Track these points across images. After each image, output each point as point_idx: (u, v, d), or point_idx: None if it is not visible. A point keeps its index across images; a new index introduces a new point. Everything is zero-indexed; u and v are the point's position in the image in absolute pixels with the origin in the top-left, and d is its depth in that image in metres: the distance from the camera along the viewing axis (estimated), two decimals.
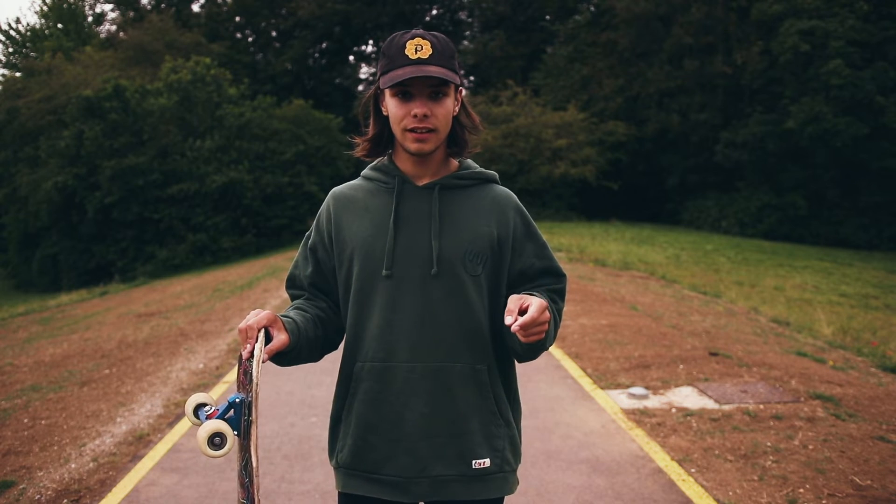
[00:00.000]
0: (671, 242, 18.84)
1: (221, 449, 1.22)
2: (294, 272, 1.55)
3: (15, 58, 36.60)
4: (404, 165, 1.45)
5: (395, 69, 1.32)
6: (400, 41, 1.33)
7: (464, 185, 1.46)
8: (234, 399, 1.29)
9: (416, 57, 1.30)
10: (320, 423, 4.09)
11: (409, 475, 1.39)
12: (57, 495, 3.23)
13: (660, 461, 3.46)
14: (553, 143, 25.04)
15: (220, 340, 6.85)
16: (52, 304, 15.00)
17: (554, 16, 35.24)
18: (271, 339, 1.31)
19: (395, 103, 1.35)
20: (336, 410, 1.49)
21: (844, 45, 22.44)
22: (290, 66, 36.60)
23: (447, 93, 1.35)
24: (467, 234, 1.40)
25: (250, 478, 1.28)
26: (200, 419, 1.32)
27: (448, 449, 1.38)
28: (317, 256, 1.50)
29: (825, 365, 5.32)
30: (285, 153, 24.48)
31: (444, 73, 1.31)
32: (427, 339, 1.38)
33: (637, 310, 7.77)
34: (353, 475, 1.44)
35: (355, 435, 1.42)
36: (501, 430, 1.43)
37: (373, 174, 1.48)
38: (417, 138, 1.35)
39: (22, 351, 7.57)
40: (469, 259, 1.39)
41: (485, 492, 1.41)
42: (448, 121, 1.38)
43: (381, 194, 1.45)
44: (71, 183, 22.27)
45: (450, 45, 1.36)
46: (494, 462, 1.41)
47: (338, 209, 1.48)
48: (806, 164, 24.13)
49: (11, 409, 4.70)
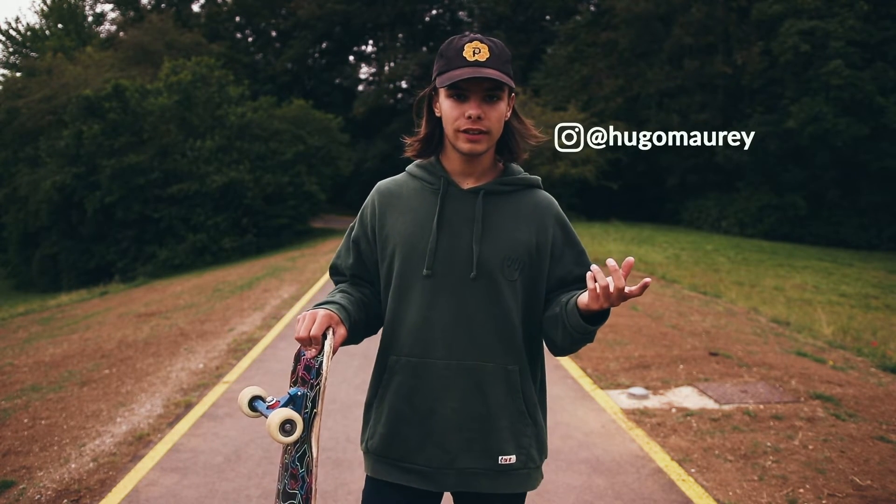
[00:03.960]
0: (671, 242, 18.85)
1: (291, 436, 1.27)
2: (336, 262, 1.60)
3: (15, 58, 36.62)
4: (451, 166, 1.48)
5: (452, 70, 1.35)
6: (459, 43, 1.37)
7: (507, 191, 1.49)
8: (296, 392, 1.34)
9: (474, 59, 1.34)
10: (324, 425, 4.09)
11: (438, 466, 1.44)
12: (57, 495, 3.23)
13: (660, 461, 3.46)
14: None
15: (220, 340, 6.85)
16: (52, 304, 14.99)
17: (554, 16, 35.27)
18: (333, 334, 1.38)
19: (450, 104, 1.38)
20: (370, 398, 1.55)
21: (844, 46, 22.44)
22: (290, 66, 36.62)
23: (501, 97, 1.38)
24: (506, 240, 1.44)
25: (308, 469, 1.32)
26: (259, 410, 1.37)
27: (476, 444, 1.43)
28: (359, 248, 1.55)
29: (825, 365, 5.32)
30: (285, 153, 24.49)
31: (500, 76, 1.34)
32: (462, 338, 1.42)
33: (637, 310, 7.77)
34: (383, 462, 1.49)
35: (387, 424, 1.47)
36: (528, 429, 1.48)
37: (419, 172, 1.51)
38: (470, 139, 1.38)
39: (22, 351, 7.57)
40: (507, 265, 1.43)
41: (509, 486, 1.47)
42: (500, 124, 1.41)
43: (426, 194, 1.48)
44: (71, 182, 22.27)
45: (506, 50, 1.40)
46: (520, 459, 1.46)
47: (383, 204, 1.51)
48: (806, 165, 24.13)
49: (11, 409, 4.70)
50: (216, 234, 22.50)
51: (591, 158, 25.38)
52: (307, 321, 1.33)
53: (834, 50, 22.45)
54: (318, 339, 1.33)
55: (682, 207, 27.34)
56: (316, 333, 1.32)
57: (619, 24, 28.80)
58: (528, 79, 31.76)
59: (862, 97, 22.15)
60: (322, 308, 1.38)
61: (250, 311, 8.75)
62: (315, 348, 1.34)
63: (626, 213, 27.61)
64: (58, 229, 24.21)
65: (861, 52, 22.76)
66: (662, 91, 27.57)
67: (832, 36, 22.60)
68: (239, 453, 3.67)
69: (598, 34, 30.09)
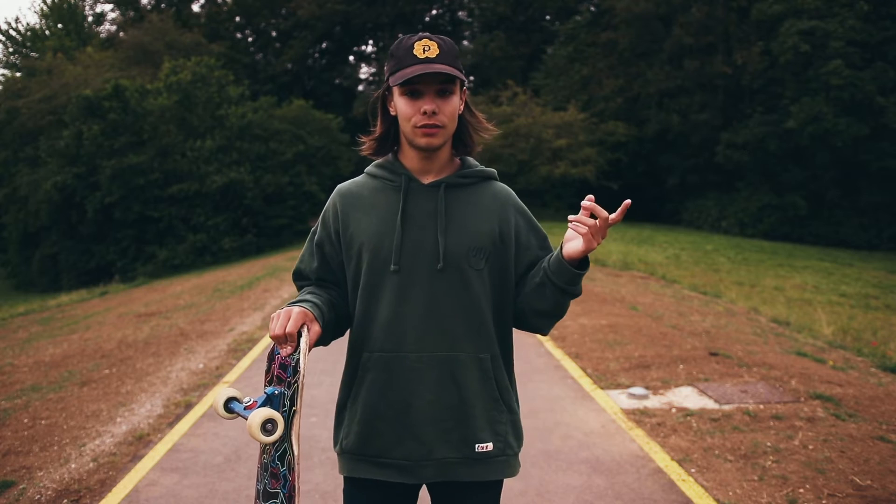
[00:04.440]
0: (671, 242, 18.85)
1: (272, 435, 1.27)
2: (300, 267, 1.61)
3: (15, 58, 36.62)
4: (410, 163, 1.50)
5: (404, 68, 1.38)
6: (408, 42, 1.40)
7: (467, 184, 1.52)
8: (273, 392, 1.33)
9: (425, 56, 1.37)
10: (320, 423, 4.09)
11: (416, 459, 1.45)
12: (57, 495, 3.23)
13: (660, 461, 3.46)
14: (553, 143, 25.04)
15: (220, 340, 6.85)
16: (52, 304, 14.99)
17: (554, 16, 35.28)
18: (307, 331, 1.38)
19: (405, 101, 1.41)
20: (342, 399, 1.55)
21: (844, 46, 22.45)
22: (290, 66, 36.61)
23: (453, 91, 1.42)
24: (470, 230, 1.47)
25: (289, 467, 1.31)
26: (236, 411, 1.36)
27: (453, 434, 1.45)
28: (323, 252, 1.56)
29: (825, 365, 5.32)
30: (286, 153, 24.49)
31: (451, 70, 1.38)
32: (433, 330, 1.44)
33: (637, 310, 7.77)
34: (360, 460, 1.49)
35: (362, 422, 1.48)
36: (504, 416, 1.50)
37: (378, 171, 1.54)
38: (426, 133, 1.41)
39: (22, 351, 7.57)
40: (473, 255, 1.46)
41: (487, 473, 1.48)
42: (454, 118, 1.44)
43: (388, 192, 1.50)
44: (71, 183, 22.27)
45: (454, 46, 1.44)
46: (497, 446, 1.48)
47: (345, 206, 1.53)
48: (806, 165, 24.13)
49: (11, 409, 4.70)
50: (216, 235, 22.51)
51: (592, 158, 25.39)
52: (282, 318, 1.34)
53: (834, 50, 22.46)
54: (294, 336, 1.33)
55: (682, 207, 27.34)
56: (291, 330, 1.32)
57: (619, 24, 28.80)
58: (528, 79, 31.78)
59: (862, 97, 22.15)
60: (296, 306, 1.38)
61: (250, 311, 8.75)
62: (290, 346, 1.34)
63: (627, 213, 27.51)
64: (58, 229, 24.21)
65: (861, 52, 22.77)
66: (662, 91, 27.57)
67: (832, 36, 22.61)
68: (239, 453, 3.67)
69: (598, 34, 30.10)
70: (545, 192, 26.01)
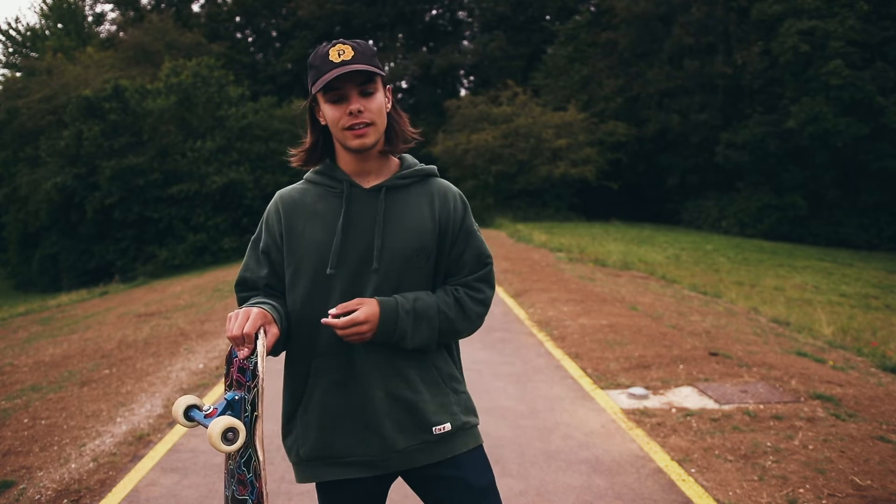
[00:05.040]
0: (671, 242, 18.85)
1: (234, 444, 1.24)
2: (245, 275, 1.57)
3: (15, 58, 36.61)
4: (348, 167, 1.52)
5: (322, 75, 1.40)
6: (323, 50, 1.43)
7: (408, 184, 1.53)
8: (233, 397, 1.30)
9: (340, 60, 1.40)
10: None
11: (379, 453, 1.47)
12: (57, 495, 3.23)
13: (660, 461, 3.46)
14: (553, 143, 25.05)
15: (220, 340, 6.85)
16: (52, 304, 15.00)
17: (554, 16, 35.26)
18: (265, 334, 1.36)
19: (331, 108, 1.43)
20: (290, 409, 1.54)
21: (844, 46, 22.45)
22: (290, 66, 36.59)
23: (376, 88, 1.44)
24: (413, 230, 1.49)
25: (255, 473, 1.29)
26: (196, 420, 1.32)
27: (407, 423, 1.48)
28: (270, 258, 1.55)
29: (825, 365, 5.32)
30: (286, 153, 24.45)
31: (367, 67, 1.40)
32: None
33: (637, 310, 7.77)
34: (322, 464, 1.50)
35: (321, 426, 1.48)
36: (450, 398, 1.53)
37: (319, 178, 1.55)
38: (357, 134, 1.43)
39: (22, 351, 7.57)
40: (416, 255, 1.48)
41: (450, 451, 1.51)
42: (382, 114, 1.46)
43: (330, 198, 1.51)
44: (71, 183, 22.27)
45: (370, 47, 1.46)
46: (455, 424, 1.51)
47: (287, 212, 1.53)
48: (806, 165, 24.14)
49: (11, 409, 4.70)
50: (216, 235, 22.51)
51: (592, 158, 25.39)
52: (240, 319, 1.33)
53: (834, 50, 22.46)
54: (251, 337, 1.32)
55: (682, 207, 27.34)
56: (249, 331, 1.31)
57: (619, 24, 28.80)
58: (528, 79, 31.78)
59: (862, 97, 22.15)
60: (254, 307, 1.37)
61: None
62: (248, 347, 1.31)
63: (626, 213, 27.61)
64: (58, 229, 24.21)
65: (861, 52, 22.77)
66: (662, 91, 27.58)
67: (832, 36, 22.60)
68: None
69: (598, 34, 30.11)
70: (545, 192, 25.99)
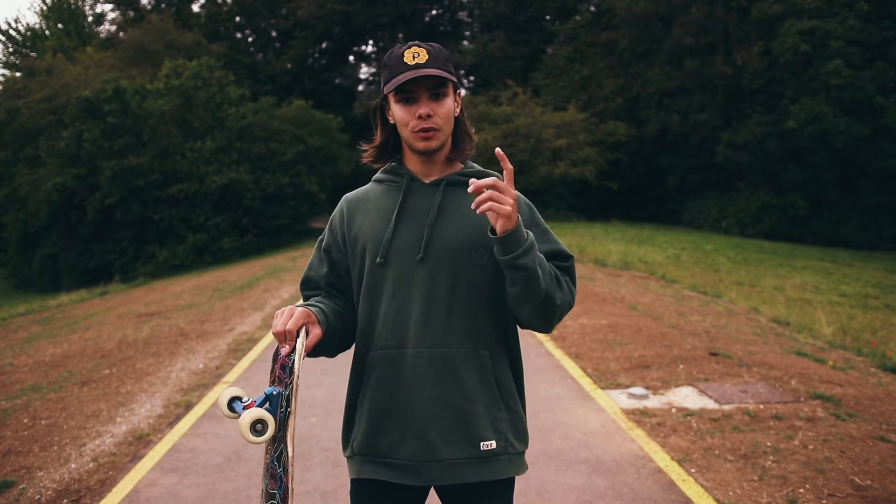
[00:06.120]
0: (671, 242, 18.84)
1: (263, 435, 1.27)
2: (309, 274, 1.61)
3: (15, 58, 36.60)
4: (413, 166, 1.54)
5: (396, 76, 1.42)
6: (399, 51, 1.45)
7: (468, 181, 1.51)
8: (272, 392, 1.34)
9: (415, 63, 1.41)
10: (320, 423, 4.10)
11: (420, 459, 1.43)
12: (57, 495, 3.23)
13: (660, 461, 3.46)
14: (553, 143, 25.03)
15: (220, 340, 6.85)
16: (52, 304, 14.99)
17: (554, 16, 35.24)
18: (307, 334, 1.38)
19: (400, 108, 1.45)
20: (351, 400, 1.55)
21: (844, 46, 22.43)
22: (290, 66, 36.60)
23: (446, 93, 1.45)
24: (472, 224, 1.47)
25: (284, 468, 1.32)
26: (237, 411, 1.36)
27: (456, 433, 1.43)
28: (331, 257, 1.58)
29: (825, 365, 5.32)
30: (285, 153, 24.49)
31: (440, 72, 1.41)
32: (433, 325, 1.44)
33: (637, 310, 7.77)
34: (368, 461, 1.49)
35: (370, 421, 1.48)
36: (502, 414, 1.48)
37: (383, 176, 1.58)
38: (424, 136, 1.44)
39: (22, 351, 7.57)
40: (475, 249, 1.46)
41: (491, 473, 1.45)
42: (450, 119, 1.47)
43: (392, 193, 1.54)
44: (71, 183, 22.26)
45: (444, 51, 1.48)
46: (500, 444, 1.46)
47: (350, 210, 1.57)
48: (806, 165, 24.12)
49: (11, 409, 4.70)
50: (216, 235, 22.51)
51: (592, 158, 25.38)
52: (284, 315, 1.35)
53: (834, 50, 22.44)
54: (293, 334, 1.34)
55: (682, 207, 27.32)
56: (291, 328, 1.33)
57: (619, 24, 28.78)
58: (528, 79, 31.75)
59: (862, 97, 22.13)
60: (301, 306, 1.39)
61: (250, 311, 8.75)
62: (290, 344, 1.34)
63: (626, 213, 27.60)
64: (58, 229, 24.20)
65: (861, 52, 22.75)
66: (662, 91, 27.55)
67: (832, 36, 22.59)
68: (239, 453, 3.67)
69: (598, 34, 30.08)
70: (545, 192, 25.98)
